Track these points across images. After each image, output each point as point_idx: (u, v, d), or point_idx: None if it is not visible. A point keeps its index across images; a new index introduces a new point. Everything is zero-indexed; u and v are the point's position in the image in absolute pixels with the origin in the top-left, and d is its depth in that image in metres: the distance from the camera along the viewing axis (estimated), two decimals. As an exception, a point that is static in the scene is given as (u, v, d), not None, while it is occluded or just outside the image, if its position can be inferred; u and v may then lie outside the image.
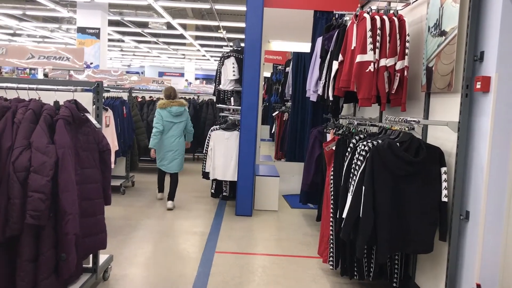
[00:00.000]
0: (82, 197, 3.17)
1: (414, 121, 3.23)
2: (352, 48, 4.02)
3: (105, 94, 6.76)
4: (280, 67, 12.13)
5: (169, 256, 4.52)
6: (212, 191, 7.04)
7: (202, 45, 23.34)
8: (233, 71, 6.34)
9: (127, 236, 5.03)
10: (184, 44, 23.70)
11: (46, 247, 2.87)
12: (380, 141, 3.26)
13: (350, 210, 3.27)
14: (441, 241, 3.20)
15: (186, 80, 29.70)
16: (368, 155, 3.22)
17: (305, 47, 7.25)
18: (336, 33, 4.55)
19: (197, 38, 21.51)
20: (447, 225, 3.16)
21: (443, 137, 3.41)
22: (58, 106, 3.07)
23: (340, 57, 4.25)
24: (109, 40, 20.90)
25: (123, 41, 22.52)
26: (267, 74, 13.18)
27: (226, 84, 6.50)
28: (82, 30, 14.79)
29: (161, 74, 36.64)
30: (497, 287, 2.90)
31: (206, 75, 38.73)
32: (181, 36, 19.91)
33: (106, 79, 8.06)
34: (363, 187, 3.20)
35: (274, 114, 11.23)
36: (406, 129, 3.33)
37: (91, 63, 15.00)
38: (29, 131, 2.87)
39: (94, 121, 3.15)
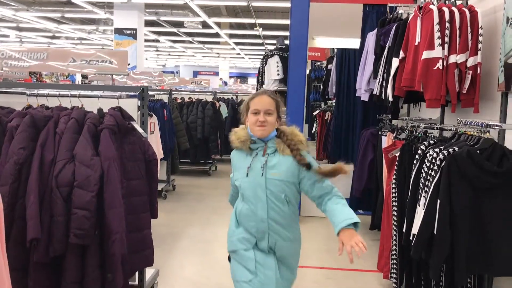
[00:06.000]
0: (128, 211, 2.93)
1: (496, 125, 2.84)
2: (416, 43, 3.65)
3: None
4: (318, 63, 11.72)
5: (217, 269, 4.26)
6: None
7: (237, 43, 23.15)
8: (277, 71, 6.04)
9: (172, 246, 4.81)
10: (218, 43, 23.58)
11: (92, 267, 2.64)
12: (456, 149, 2.89)
13: (423, 226, 2.91)
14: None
15: (221, 79, 29.59)
16: (443, 164, 2.85)
17: (350, 43, 6.86)
18: (395, 27, 4.17)
19: (231, 36, 21.33)
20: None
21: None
22: (102, 114, 2.85)
23: (401, 54, 3.87)
24: (145, 40, 20.98)
25: (158, 41, 22.58)
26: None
27: (270, 84, 6.20)
28: (119, 31, 14.76)
29: (195, 73, 36.74)
30: None
31: (240, 73, 38.59)
32: (216, 35, 19.77)
33: (147, 80, 7.88)
34: (438, 201, 2.84)
35: (315, 113, 10.84)
36: (480, 134, 2.94)
37: (129, 64, 15.01)
38: (72, 142, 2.65)
39: (140, 130, 2.91)
